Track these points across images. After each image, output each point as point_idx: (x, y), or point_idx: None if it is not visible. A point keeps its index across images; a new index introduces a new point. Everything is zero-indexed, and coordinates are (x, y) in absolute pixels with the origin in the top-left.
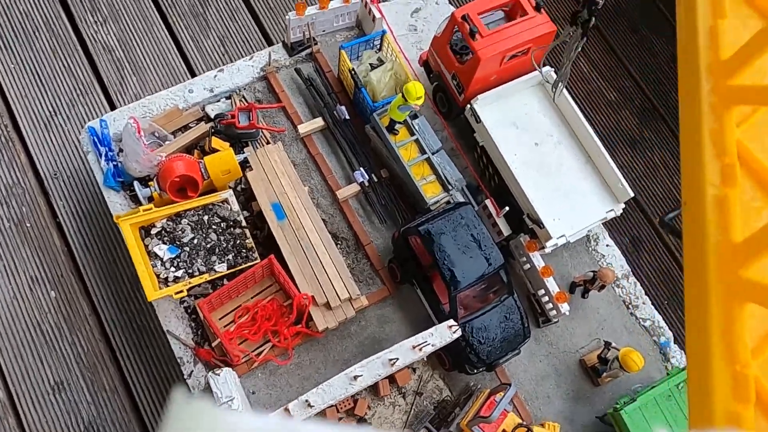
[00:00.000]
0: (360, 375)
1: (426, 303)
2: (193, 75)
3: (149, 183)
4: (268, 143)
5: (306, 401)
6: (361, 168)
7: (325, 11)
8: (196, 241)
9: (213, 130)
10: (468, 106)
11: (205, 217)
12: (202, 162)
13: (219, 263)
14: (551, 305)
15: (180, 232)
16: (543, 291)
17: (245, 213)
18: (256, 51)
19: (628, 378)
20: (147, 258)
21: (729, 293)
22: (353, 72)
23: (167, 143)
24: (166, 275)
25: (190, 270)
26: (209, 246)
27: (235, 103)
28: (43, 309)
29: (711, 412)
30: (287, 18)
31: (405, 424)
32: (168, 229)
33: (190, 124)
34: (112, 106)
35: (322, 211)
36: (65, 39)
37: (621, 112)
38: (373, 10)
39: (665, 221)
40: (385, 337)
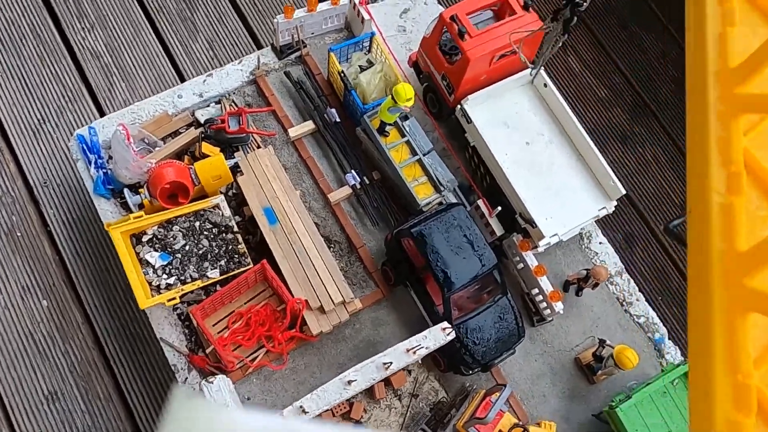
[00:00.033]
0: (354, 380)
1: (420, 305)
2: (183, 80)
3: (139, 190)
4: (258, 147)
5: (300, 407)
6: (353, 170)
7: (314, 14)
8: (188, 248)
9: (203, 135)
10: (458, 106)
11: (197, 223)
12: (192, 168)
13: (211, 269)
14: (545, 304)
15: (171, 238)
16: (537, 290)
17: (237, 218)
18: (245, 54)
19: (623, 375)
20: (139, 266)
21: (733, 302)
22: (343, 74)
23: (157, 149)
24: (158, 283)
25: (182, 277)
26: (201, 252)
27: (225, 108)
28: (35, 318)
29: (712, 421)
30: (275, 21)
31: (401, 426)
32: (159, 236)
33: (179, 129)
34: (101, 112)
35: (314, 215)
36: (52, 46)
37: (611, 108)
38: (362, 11)
39: (670, 228)
40: (380, 340)
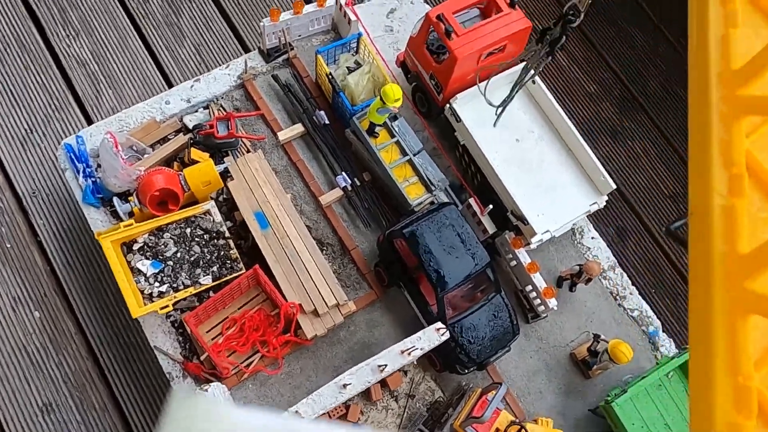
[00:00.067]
0: (349, 383)
1: (414, 305)
2: (170, 85)
3: (129, 198)
4: (248, 152)
5: (296, 412)
6: (343, 172)
7: (300, 16)
8: (179, 255)
9: (192, 141)
10: (447, 105)
11: (188, 230)
12: (181, 174)
13: (204, 276)
14: (539, 301)
15: (163, 246)
16: (530, 287)
17: (228, 223)
18: (232, 58)
19: (618, 369)
20: (130, 274)
21: (734, 304)
22: (330, 76)
23: (146, 157)
24: (150, 291)
25: (174, 284)
26: (193, 259)
27: (213, 113)
28: (28, 330)
29: (712, 423)
30: (262, 24)
31: (399, 427)
32: (150, 244)
33: (168, 136)
34: (88, 120)
35: (305, 218)
36: (37, 54)
37: (601, 103)
38: (348, 12)
39: (671, 230)
40: (375, 342)
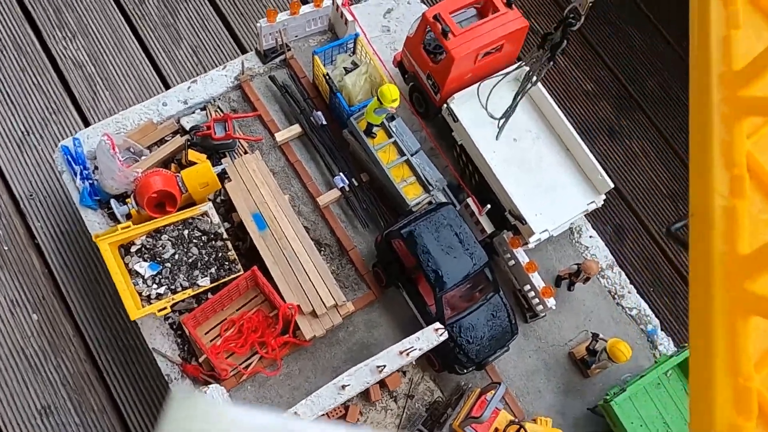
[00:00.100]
0: (348, 384)
1: (412, 305)
2: (167, 87)
3: (126, 200)
4: (245, 153)
5: (295, 413)
6: (341, 173)
7: (297, 17)
8: (177, 257)
9: (189, 142)
10: (445, 105)
11: (186, 232)
12: (179, 176)
13: (202, 277)
14: (537, 300)
15: (160, 248)
16: (529, 286)
17: (226, 225)
18: (229, 59)
19: (617, 368)
20: (128, 276)
21: (734, 305)
22: (328, 77)
23: (143, 158)
24: (148, 293)
25: (172, 286)
26: (191, 260)
27: (211, 114)
28: (26, 332)
29: (712, 424)
30: (258, 25)
31: (398, 427)
32: (148, 246)
33: (165, 137)
34: (85, 122)
35: (303, 219)
36: (34, 56)
37: (598, 102)
38: (345, 13)
39: (671, 231)
40: (374, 342)
